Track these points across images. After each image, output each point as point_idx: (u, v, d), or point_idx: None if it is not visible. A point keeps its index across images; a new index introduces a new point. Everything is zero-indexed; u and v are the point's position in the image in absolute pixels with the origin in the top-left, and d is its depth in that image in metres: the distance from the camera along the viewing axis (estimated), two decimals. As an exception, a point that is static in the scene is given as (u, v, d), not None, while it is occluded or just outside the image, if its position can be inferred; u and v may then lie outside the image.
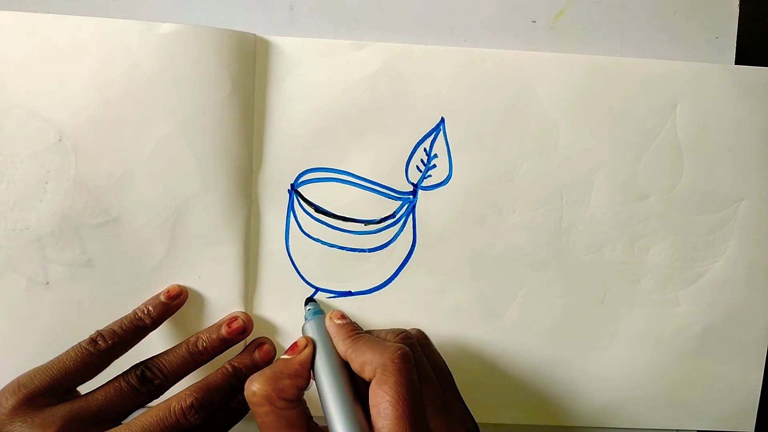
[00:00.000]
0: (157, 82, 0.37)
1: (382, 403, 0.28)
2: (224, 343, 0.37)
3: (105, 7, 0.39)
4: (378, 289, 0.40)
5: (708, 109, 0.39)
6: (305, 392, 0.31)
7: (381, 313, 0.40)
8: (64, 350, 0.34)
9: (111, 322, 0.36)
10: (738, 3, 0.40)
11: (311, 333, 0.34)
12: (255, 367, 0.37)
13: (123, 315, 0.37)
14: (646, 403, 0.42)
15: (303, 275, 0.40)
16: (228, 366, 0.36)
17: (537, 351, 0.41)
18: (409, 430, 0.27)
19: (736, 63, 0.40)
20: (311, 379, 0.32)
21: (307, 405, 0.31)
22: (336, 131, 0.39)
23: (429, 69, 0.38)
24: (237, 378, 0.36)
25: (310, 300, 0.40)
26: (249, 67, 0.38)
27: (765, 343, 0.41)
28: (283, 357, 0.32)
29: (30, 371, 0.33)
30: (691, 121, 0.39)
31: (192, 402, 0.33)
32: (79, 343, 0.34)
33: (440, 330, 0.36)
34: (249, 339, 0.39)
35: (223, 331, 0.37)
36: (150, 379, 0.35)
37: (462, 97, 0.39)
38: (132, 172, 0.38)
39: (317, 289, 0.40)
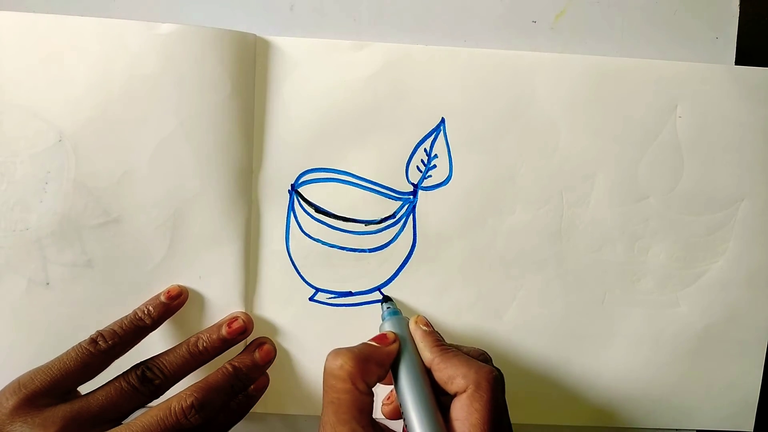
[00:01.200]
0: (157, 82, 0.37)
1: (470, 418, 0.28)
2: (224, 343, 0.37)
3: (105, 7, 0.39)
4: (378, 289, 0.40)
5: (708, 110, 0.39)
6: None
7: (380, 313, 0.40)
8: (64, 350, 0.34)
9: (111, 322, 0.36)
10: (738, 3, 0.40)
11: (394, 331, 0.34)
12: (255, 367, 0.37)
13: (123, 315, 0.37)
14: (646, 403, 0.42)
15: (303, 275, 0.40)
16: (228, 366, 0.36)
17: (537, 351, 0.41)
18: None
19: (736, 63, 0.40)
20: (387, 375, 0.32)
21: None
22: (336, 131, 0.39)
23: (429, 69, 0.38)
24: (237, 378, 0.36)
25: (387, 299, 0.39)
26: (249, 67, 0.38)
27: (764, 343, 0.41)
28: (369, 342, 0.32)
29: (30, 371, 0.33)
30: (691, 121, 0.39)
31: (192, 402, 0.33)
32: (80, 343, 0.34)
33: (440, 330, 0.36)
34: (249, 339, 0.39)
35: (224, 331, 0.37)
36: (150, 379, 0.35)
37: (462, 98, 0.39)
38: (132, 172, 0.38)
39: (317, 290, 0.40)
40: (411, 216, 0.40)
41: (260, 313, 0.40)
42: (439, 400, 0.31)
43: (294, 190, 0.39)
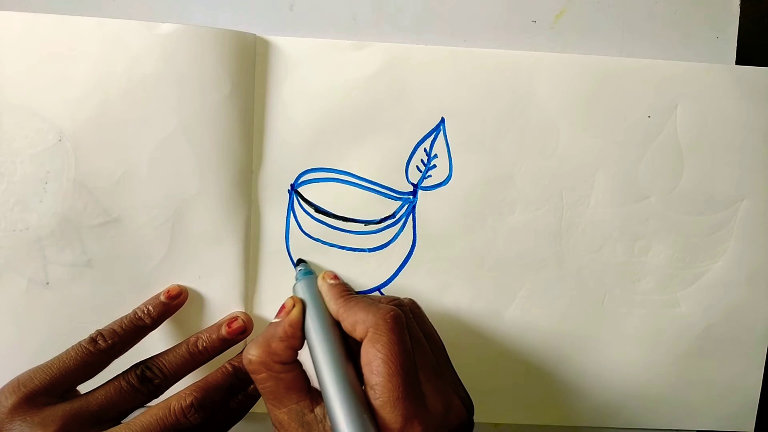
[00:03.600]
0: (157, 82, 0.37)
1: (375, 360, 0.28)
2: (224, 343, 0.37)
3: (105, 7, 0.39)
4: (378, 289, 0.40)
5: (709, 110, 0.39)
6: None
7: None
8: (64, 350, 0.34)
9: (111, 321, 0.36)
10: (739, 3, 0.40)
11: (302, 293, 0.34)
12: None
13: (123, 315, 0.37)
14: (646, 403, 0.42)
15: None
16: (228, 365, 0.36)
17: (537, 351, 0.41)
18: (402, 387, 0.27)
19: (737, 63, 0.40)
20: (304, 341, 0.32)
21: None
22: (336, 131, 0.39)
23: (429, 69, 0.38)
24: (237, 377, 0.36)
25: (301, 261, 0.39)
26: (249, 67, 0.38)
27: (765, 343, 0.41)
28: (273, 321, 0.32)
29: (30, 370, 0.33)
30: (691, 121, 0.39)
31: (192, 401, 0.33)
32: (79, 343, 0.34)
33: (440, 330, 0.35)
34: (249, 339, 0.39)
35: (223, 331, 0.37)
36: (150, 378, 0.35)
37: (462, 98, 0.39)
38: (132, 172, 0.38)
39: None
40: (411, 216, 0.40)
41: (260, 313, 0.40)
42: (353, 352, 0.31)
43: (294, 190, 0.39)
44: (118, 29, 0.36)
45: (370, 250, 0.40)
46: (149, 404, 0.34)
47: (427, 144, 0.39)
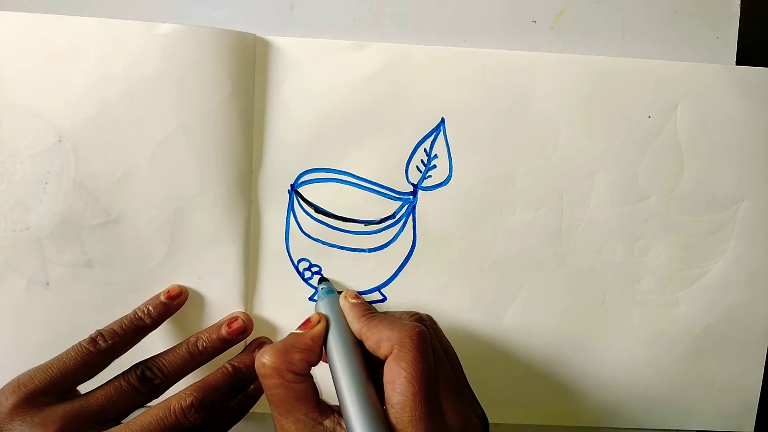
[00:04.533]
0: (156, 82, 0.37)
1: (399, 378, 0.28)
2: (224, 343, 0.37)
3: (105, 7, 0.39)
4: (378, 289, 0.40)
5: (709, 110, 0.39)
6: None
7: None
8: (64, 350, 0.34)
9: (111, 322, 0.36)
10: (739, 3, 0.40)
11: (324, 311, 0.34)
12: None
13: (123, 315, 0.37)
14: (646, 403, 0.42)
15: (303, 275, 0.40)
16: (228, 366, 0.36)
17: (537, 351, 0.41)
18: (424, 407, 0.27)
19: (737, 63, 0.40)
20: (322, 356, 0.32)
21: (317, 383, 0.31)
22: (336, 131, 0.39)
23: (429, 69, 0.38)
24: (237, 378, 0.36)
25: (323, 279, 0.40)
26: (249, 67, 0.38)
27: (765, 343, 0.41)
28: (295, 331, 0.32)
29: (30, 370, 0.33)
30: (691, 121, 0.39)
31: (192, 401, 0.33)
32: (79, 343, 0.34)
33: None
34: (249, 339, 0.39)
35: (224, 331, 0.37)
36: (150, 378, 0.35)
37: (462, 98, 0.39)
38: (132, 172, 0.38)
39: (317, 290, 0.40)
40: (411, 216, 0.40)
41: (260, 313, 0.40)
42: (374, 372, 0.31)
43: (294, 190, 0.39)
44: (118, 29, 0.36)
45: (370, 250, 0.40)
46: (149, 404, 0.34)
47: (427, 144, 0.39)
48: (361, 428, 0.27)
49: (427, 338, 0.30)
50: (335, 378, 0.30)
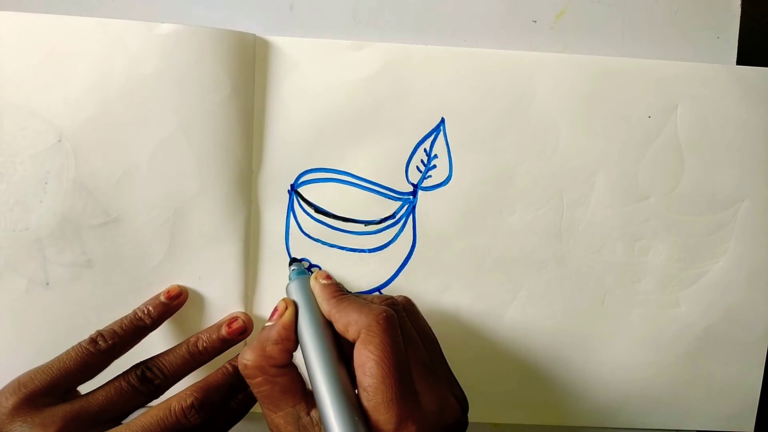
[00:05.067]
0: (156, 82, 0.37)
1: (368, 362, 0.28)
2: (224, 344, 0.37)
3: (105, 7, 0.39)
4: (378, 290, 0.40)
5: (709, 110, 0.39)
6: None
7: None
8: (64, 350, 0.34)
9: (111, 322, 0.36)
10: (739, 3, 0.40)
11: (295, 294, 0.34)
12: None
13: (123, 315, 0.37)
14: (646, 403, 0.42)
15: (303, 275, 0.40)
16: (228, 366, 0.36)
17: (537, 351, 0.41)
18: (395, 388, 0.27)
19: (737, 63, 0.40)
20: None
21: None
22: (336, 131, 0.39)
23: (429, 69, 0.38)
24: (237, 378, 0.36)
25: (294, 260, 0.39)
26: (249, 67, 0.38)
27: (765, 343, 0.41)
28: (266, 324, 0.32)
29: (30, 371, 0.33)
30: (692, 121, 0.39)
31: (192, 402, 0.33)
32: (80, 343, 0.34)
33: (440, 330, 0.36)
34: (249, 339, 0.39)
35: (224, 331, 0.37)
36: (150, 379, 0.35)
37: (462, 98, 0.39)
38: (132, 172, 0.38)
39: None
40: (411, 216, 0.40)
41: (260, 313, 0.40)
42: (345, 353, 0.31)
43: (294, 190, 0.39)
44: (118, 29, 0.36)
45: (370, 250, 0.40)
46: (150, 405, 0.34)
47: (427, 144, 0.39)
48: (333, 413, 0.27)
49: (395, 321, 0.30)
50: (307, 362, 0.30)
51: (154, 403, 0.34)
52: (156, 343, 0.38)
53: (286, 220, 0.40)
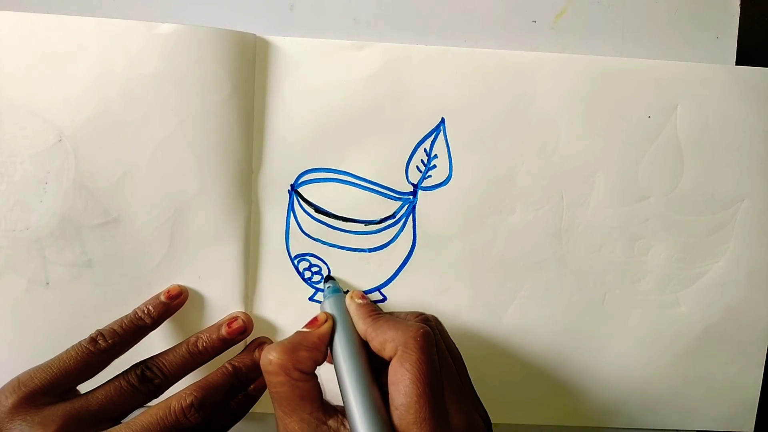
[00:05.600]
0: (156, 82, 0.37)
1: (403, 380, 0.28)
2: (224, 343, 0.37)
3: (105, 7, 0.39)
4: (378, 289, 0.40)
5: (709, 110, 0.39)
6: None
7: (381, 313, 0.40)
8: (64, 350, 0.34)
9: (111, 321, 0.36)
10: (739, 3, 0.40)
11: (330, 310, 0.34)
12: (255, 367, 0.37)
13: (123, 315, 0.37)
14: (646, 403, 0.42)
15: (303, 275, 0.40)
16: (228, 365, 0.36)
17: (537, 351, 0.41)
18: (428, 409, 0.27)
19: (737, 63, 0.40)
20: (327, 356, 0.32)
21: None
22: (336, 131, 0.39)
23: (429, 69, 0.38)
24: (237, 377, 0.36)
25: (329, 278, 0.40)
26: (249, 67, 0.38)
27: (765, 343, 0.41)
28: (301, 330, 0.32)
29: (30, 370, 0.33)
30: (691, 121, 0.39)
31: (192, 401, 0.33)
32: (79, 342, 0.34)
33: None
34: (249, 339, 0.39)
35: (224, 331, 0.37)
36: (150, 378, 0.35)
37: (462, 98, 0.39)
38: (132, 172, 0.38)
39: (317, 290, 0.40)
40: (411, 216, 0.40)
41: (260, 313, 0.40)
42: (381, 371, 0.31)
43: (294, 190, 0.39)
44: (118, 29, 0.36)
45: (370, 250, 0.40)
46: (149, 404, 0.34)
47: (427, 144, 0.39)
48: (364, 429, 0.27)
49: (432, 339, 0.30)
50: (340, 378, 0.30)
51: (154, 402, 0.34)
52: (156, 343, 0.38)
53: (286, 220, 0.40)
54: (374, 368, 0.31)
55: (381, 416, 0.28)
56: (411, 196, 0.39)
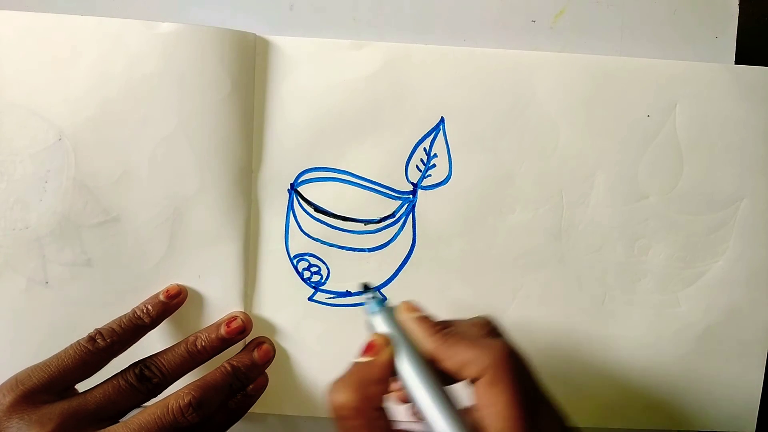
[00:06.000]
0: (156, 82, 0.37)
1: (497, 404, 0.26)
2: (223, 343, 0.37)
3: (105, 6, 0.40)
4: (378, 289, 0.40)
5: (708, 109, 0.39)
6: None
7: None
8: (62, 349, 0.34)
9: (110, 321, 0.36)
10: (738, 3, 0.40)
11: (383, 329, 0.30)
12: (254, 367, 0.37)
13: (122, 314, 0.36)
14: (647, 403, 0.42)
15: (302, 275, 0.40)
16: (227, 365, 0.36)
17: (537, 351, 0.40)
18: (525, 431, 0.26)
19: (736, 63, 0.40)
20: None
21: None
22: (336, 131, 0.39)
23: (429, 69, 0.38)
24: (236, 377, 0.36)
25: (367, 288, 0.33)
26: (249, 66, 0.38)
27: (765, 343, 0.41)
28: (361, 360, 0.29)
29: (28, 368, 0.33)
30: (691, 120, 0.39)
31: (190, 400, 0.33)
32: (78, 341, 0.34)
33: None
34: (248, 338, 0.39)
35: (223, 330, 0.37)
36: (148, 377, 0.35)
37: (462, 97, 0.39)
38: (132, 171, 0.38)
39: (316, 290, 0.40)
40: (411, 215, 0.40)
41: (259, 313, 0.40)
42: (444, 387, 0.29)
43: (293, 190, 0.39)
44: (118, 29, 0.37)
45: (370, 249, 0.40)
46: (147, 403, 0.34)
47: (426, 144, 0.39)
48: None
49: (518, 358, 0.28)
50: (419, 404, 0.28)
51: (153, 402, 0.34)
52: (155, 342, 0.38)
53: (285, 220, 0.40)
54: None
55: None
56: (411, 196, 0.39)
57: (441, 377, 0.28)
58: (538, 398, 0.29)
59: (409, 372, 0.28)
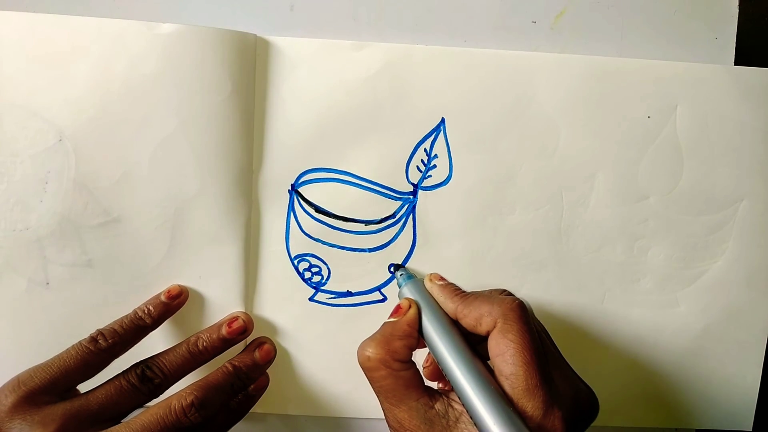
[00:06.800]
0: (157, 82, 0.37)
1: (508, 350, 0.28)
2: (224, 343, 0.37)
3: (105, 7, 0.39)
4: (378, 289, 0.40)
5: (708, 110, 0.39)
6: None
7: (381, 313, 0.40)
8: (64, 349, 0.34)
9: (111, 321, 0.36)
10: (738, 4, 0.40)
11: (412, 296, 0.34)
12: (255, 367, 0.38)
13: (123, 315, 0.37)
14: (646, 402, 0.42)
15: (303, 275, 0.40)
16: (228, 365, 0.36)
17: (537, 351, 0.41)
18: (538, 375, 0.28)
19: (736, 64, 0.40)
20: (419, 341, 0.32)
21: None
22: (336, 131, 0.39)
23: (429, 69, 0.38)
24: (237, 377, 0.36)
25: (397, 266, 0.40)
26: (249, 67, 0.38)
27: (763, 343, 0.41)
28: (388, 320, 0.33)
29: (30, 369, 0.33)
30: (691, 121, 0.39)
31: (192, 400, 0.33)
32: (80, 342, 0.34)
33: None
34: (249, 339, 0.39)
35: (224, 330, 0.37)
36: (150, 378, 0.35)
37: (462, 98, 0.39)
38: (132, 172, 0.38)
39: (317, 290, 0.40)
40: (411, 216, 0.40)
41: (260, 313, 0.40)
42: (474, 347, 0.31)
43: (294, 190, 0.39)
44: (118, 29, 0.36)
45: (370, 250, 0.40)
46: (149, 404, 0.34)
47: (427, 144, 0.39)
48: (483, 406, 0.27)
49: (527, 310, 0.30)
50: (441, 359, 0.30)
51: (155, 402, 0.34)
52: (156, 343, 0.38)
53: (286, 220, 0.40)
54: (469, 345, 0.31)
55: (494, 388, 0.28)
56: (411, 196, 0.39)
57: (464, 338, 0.31)
58: (554, 354, 0.31)
59: (431, 330, 0.32)
